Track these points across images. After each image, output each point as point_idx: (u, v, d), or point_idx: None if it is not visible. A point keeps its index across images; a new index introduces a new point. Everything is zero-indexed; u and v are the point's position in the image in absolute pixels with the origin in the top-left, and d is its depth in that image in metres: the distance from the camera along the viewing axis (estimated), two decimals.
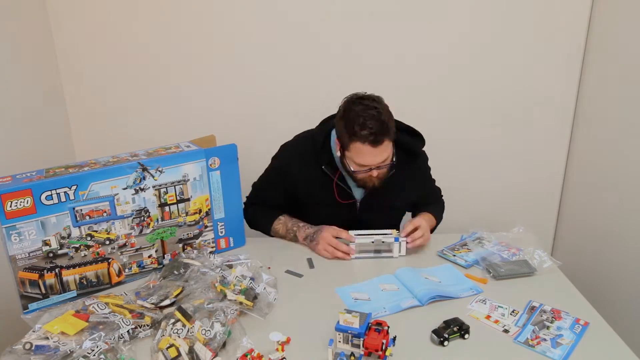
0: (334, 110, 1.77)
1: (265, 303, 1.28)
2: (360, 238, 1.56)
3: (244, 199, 1.76)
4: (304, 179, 1.65)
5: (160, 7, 2.08)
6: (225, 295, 1.26)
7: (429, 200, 1.84)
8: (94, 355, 1.07)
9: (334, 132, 1.62)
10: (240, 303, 1.24)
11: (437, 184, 1.89)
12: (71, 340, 1.11)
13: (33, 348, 1.10)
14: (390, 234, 1.57)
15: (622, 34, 1.92)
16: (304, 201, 1.69)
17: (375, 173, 1.54)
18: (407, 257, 1.58)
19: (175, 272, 1.38)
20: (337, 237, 1.59)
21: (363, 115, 1.45)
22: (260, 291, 1.30)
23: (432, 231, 1.75)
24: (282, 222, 1.69)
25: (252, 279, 1.32)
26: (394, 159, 1.57)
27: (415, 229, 1.58)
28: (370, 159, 1.49)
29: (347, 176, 1.63)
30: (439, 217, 1.81)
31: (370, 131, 1.44)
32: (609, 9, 1.99)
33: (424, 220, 1.63)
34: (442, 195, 1.91)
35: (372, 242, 1.56)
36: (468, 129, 2.25)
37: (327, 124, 1.67)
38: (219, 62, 2.16)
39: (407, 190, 1.72)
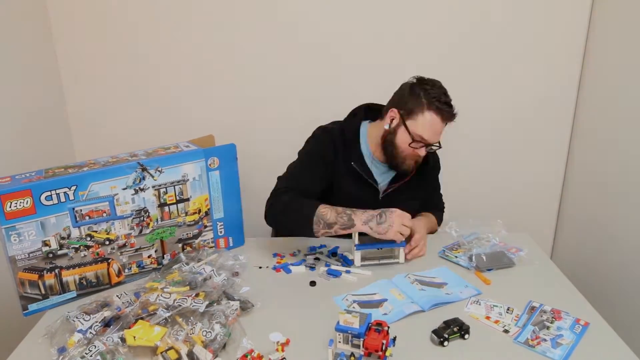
0: (331, 110, 1.77)
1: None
2: (366, 246, 1.51)
3: (243, 199, 1.75)
4: (335, 167, 1.62)
5: (160, 7, 2.08)
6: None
7: (434, 201, 1.84)
8: (91, 355, 1.07)
9: (362, 129, 1.64)
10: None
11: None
12: None
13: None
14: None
15: (622, 34, 1.91)
16: (332, 188, 1.63)
17: (423, 152, 1.56)
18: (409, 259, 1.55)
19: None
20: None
21: (444, 91, 1.53)
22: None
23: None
24: (329, 208, 1.49)
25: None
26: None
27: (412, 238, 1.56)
28: (431, 133, 1.52)
29: (376, 163, 1.64)
30: (439, 222, 1.82)
31: (449, 105, 1.51)
32: (609, 9, 1.99)
33: (423, 227, 1.63)
34: (444, 207, 1.90)
35: (378, 249, 1.52)
36: (467, 129, 2.25)
37: (355, 118, 1.67)
38: (219, 62, 2.16)
39: (424, 184, 1.73)
